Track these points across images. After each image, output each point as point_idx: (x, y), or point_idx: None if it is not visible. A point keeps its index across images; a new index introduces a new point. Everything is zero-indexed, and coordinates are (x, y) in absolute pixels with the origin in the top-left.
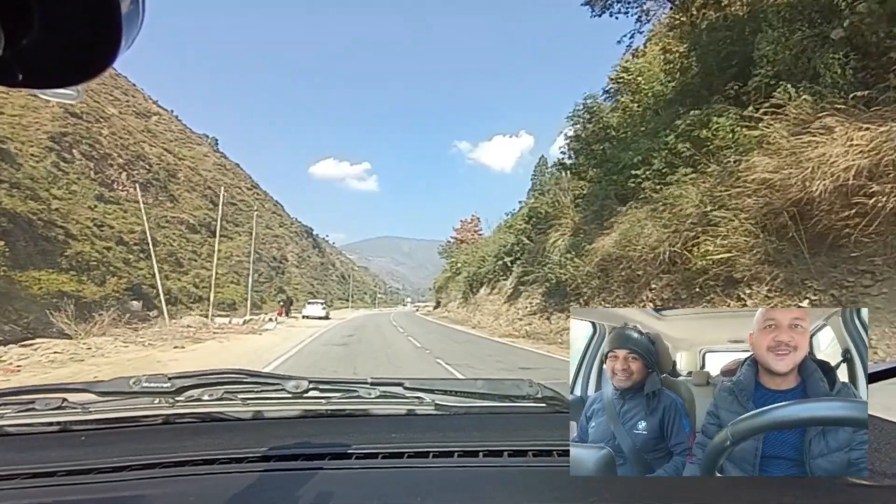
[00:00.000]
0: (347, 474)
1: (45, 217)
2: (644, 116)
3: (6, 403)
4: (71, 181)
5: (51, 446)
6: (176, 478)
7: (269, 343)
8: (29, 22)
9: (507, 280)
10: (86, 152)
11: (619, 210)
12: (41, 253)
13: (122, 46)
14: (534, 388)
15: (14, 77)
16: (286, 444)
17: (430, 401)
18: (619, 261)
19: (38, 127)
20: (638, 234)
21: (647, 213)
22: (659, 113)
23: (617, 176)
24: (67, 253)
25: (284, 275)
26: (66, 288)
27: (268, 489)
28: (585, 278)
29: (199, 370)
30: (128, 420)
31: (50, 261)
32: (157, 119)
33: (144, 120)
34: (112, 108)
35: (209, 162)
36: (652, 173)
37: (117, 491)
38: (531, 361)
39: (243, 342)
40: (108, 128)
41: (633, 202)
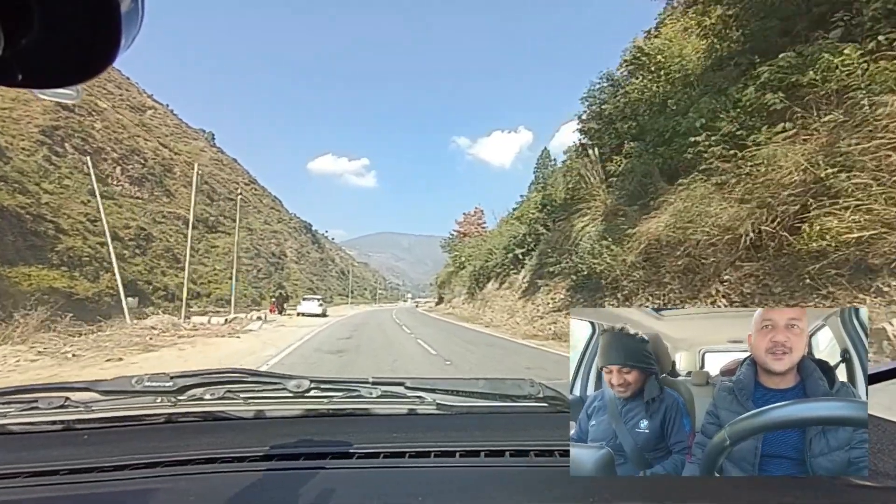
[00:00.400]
0: (349, 474)
1: (34, 211)
2: (686, 81)
3: (9, 402)
4: (63, 175)
5: (53, 445)
6: (178, 476)
7: (245, 349)
8: (29, 22)
9: (520, 273)
10: (78, 146)
11: (666, 187)
12: (30, 248)
13: (122, 46)
14: (535, 387)
15: (14, 77)
16: (288, 444)
17: (432, 400)
18: (674, 247)
19: (29, 120)
20: (701, 214)
21: (712, 187)
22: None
23: (663, 147)
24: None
25: (283, 270)
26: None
27: (269, 488)
28: (626, 269)
29: (200, 369)
30: (130, 419)
31: (40, 256)
32: (151, 113)
33: (139, 114)
34: (105, 101)
35: (206, 157)
36: (719, 139)
37: (120, 490)
38: None
39: (212, 349)
40: (101, 121)
41: (692, 175)
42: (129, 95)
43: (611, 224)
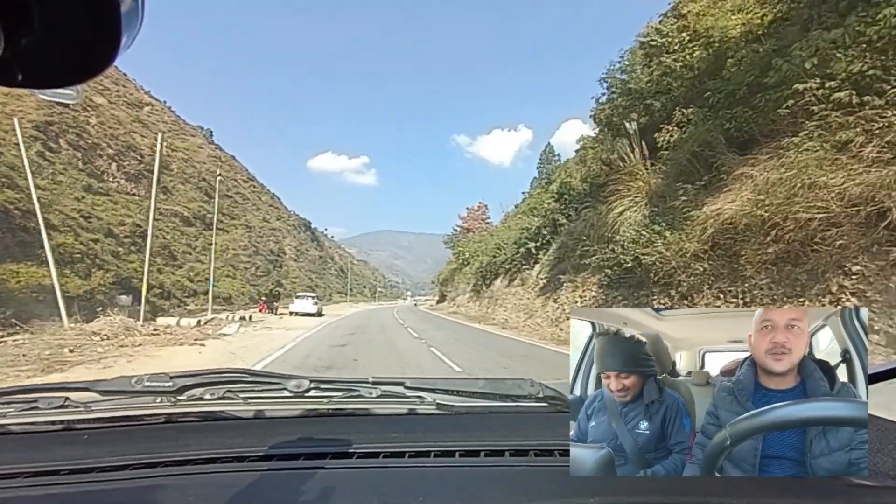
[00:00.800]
0: (349, 473)
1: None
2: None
3: (9, 402)
4: (57, 171)
5: (53, 445)
6: (178, 476)
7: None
8: (29, 22)
9: (533, 269)
10: (73, 142)
11: (736, 159)
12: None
13: (122, 46)
14: (535, 387)
15: (14, 77)
16: (287, 444)
17: (432, 400)
18: (758, 231)
19: (23, 115)
20: (812, 185)
21: (829, 148)
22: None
23: (735, 109)
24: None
25: (282, 268)
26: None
27: (269, 488)
28: (686, 261)
29: (200, 369)
30: (130, 419)
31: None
32: (149, 110)
33: (136, 110)
34: (101, 97)
35: (203, 154)
36: (838, 84)
37: (119, 490)
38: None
39: (155, 363)
40: (96, 117)
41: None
42: (126, 91)
43: (660, 207)
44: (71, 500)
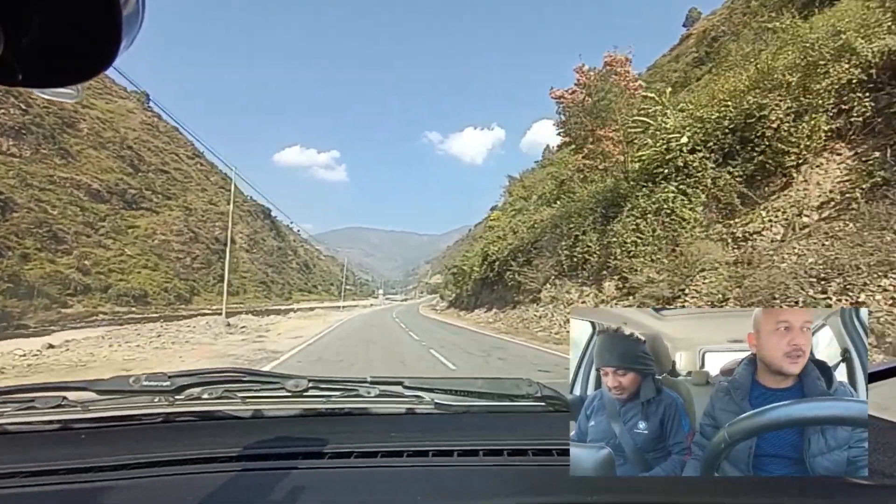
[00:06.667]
0: (347, 473)
1: None
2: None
3: (6, 402)
4: None
5: (51, 445)
6: (176, 476)
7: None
8: (29, 22)
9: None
10: None
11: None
12: None
13: (122, 46)
14: (533, 387)
15: (14, 77)
16: (286, 443)
17: (430, 400)
18: None
19: None
20: None
21: None
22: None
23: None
24: None
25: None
26: None
27: (268, 487)
28: None
29: (198, 368)
30: (127, 418)
31: None
32: None
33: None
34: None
35: (135, 120)
36: None
37: (117, 489)
38: None
39: None
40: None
41: None
42: None
43: None
44: (69, 500)
